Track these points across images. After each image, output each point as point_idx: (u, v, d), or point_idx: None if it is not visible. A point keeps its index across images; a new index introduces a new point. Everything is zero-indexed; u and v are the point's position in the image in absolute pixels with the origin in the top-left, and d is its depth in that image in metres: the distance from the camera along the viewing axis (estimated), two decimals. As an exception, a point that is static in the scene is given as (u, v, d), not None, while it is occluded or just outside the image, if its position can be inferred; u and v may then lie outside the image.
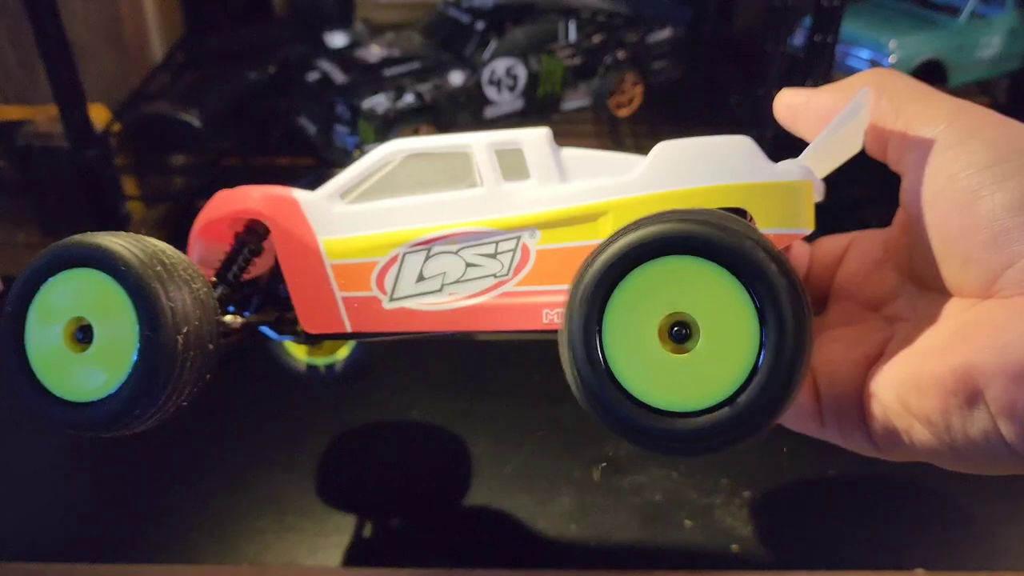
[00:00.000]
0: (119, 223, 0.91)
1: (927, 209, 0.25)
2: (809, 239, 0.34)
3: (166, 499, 0.59)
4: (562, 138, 0.32)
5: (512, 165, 0.32)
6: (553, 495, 0.59)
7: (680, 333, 0.25)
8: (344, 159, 0.91)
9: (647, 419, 0.24)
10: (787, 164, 0.31)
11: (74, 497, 0.54)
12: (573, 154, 0.32)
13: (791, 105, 0.32)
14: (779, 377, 0.24)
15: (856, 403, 0.26)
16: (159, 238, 0.30)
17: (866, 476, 0.60)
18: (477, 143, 0.32)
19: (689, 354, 0.25)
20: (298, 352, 0.48)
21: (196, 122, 0.94)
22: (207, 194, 0.37)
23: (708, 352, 0.24)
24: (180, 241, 0.35)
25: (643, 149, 0.30)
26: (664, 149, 0.31)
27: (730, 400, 0.24)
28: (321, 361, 0.48)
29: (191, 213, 0.36)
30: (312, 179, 0.36)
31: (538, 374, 0.66)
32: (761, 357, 0.24)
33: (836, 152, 0.31)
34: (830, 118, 0.30)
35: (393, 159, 0.33)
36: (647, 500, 0.59)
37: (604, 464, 0.57)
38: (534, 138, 0.33)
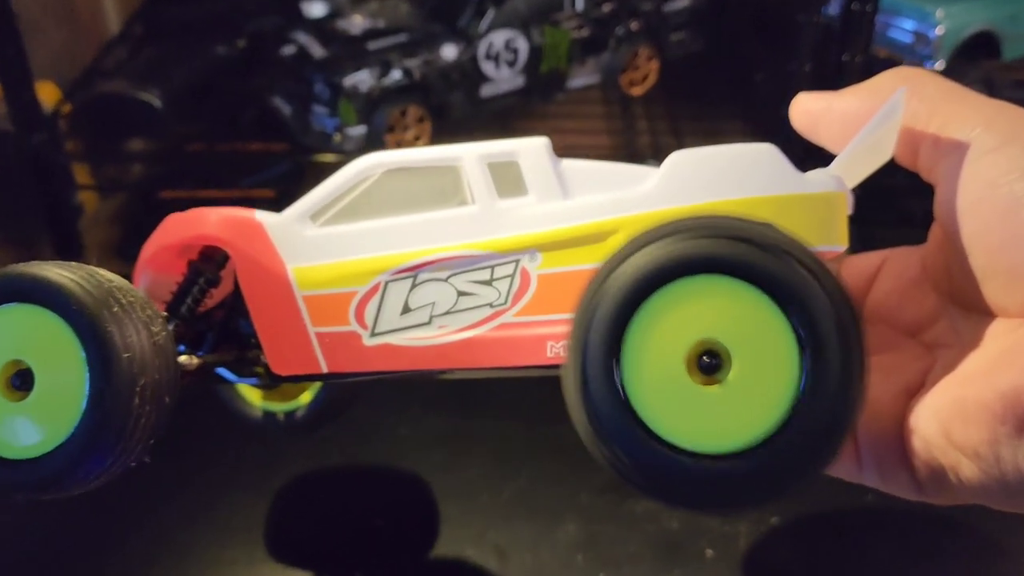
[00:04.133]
0: (69, 216, 0.90)
1: (965, 220, 0.25)
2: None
3: (127, 528, 0.59)
4: (568, 120, 0.32)
5: (507, 180, 0.32)
6: (557, 523, 0.59)
7: (710, 363, 0.25)
8: (323, 143, 0.90)
9: (674, 460, 0.24)
10: (817, 174, 0.31)
11: (28, 527, 0.55)
12: (575, 166, 0.32)
13: (811, 111, 0.32)
14: (822, 415, 0.23)
15: (896, 441, 0.26)
16: (115, 233, 0.30)
17: (910, 503, 0.60)
18: (467, 155, 0.32)
19: (720, 387, 0.24)
20: (253, 397, 0.48)
21: (156, 102, 0.93)
22: (170, 183, 0.36)
23: (741, 385, 0.24)
24: (140, 238, 0.35)
25: (658, 132, 0.30)
26: (679, 160, 0.31)
27: (767, 441, 0.24)
28: (280, 407, 0.48)
29: (151, 206, 0.36)
30: (288, 167, 0.35)
31: (539, 389, 0.67)
32: (802, 392, 0.24)
33: (866, 160, 0.31)
34: (855, 124, 0.30)
35: (371, 175, 0.33)
36: (663, 527, 0.59)
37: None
38: (531, 149, 0.32)
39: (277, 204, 0.35)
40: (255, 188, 0.95)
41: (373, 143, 0.91)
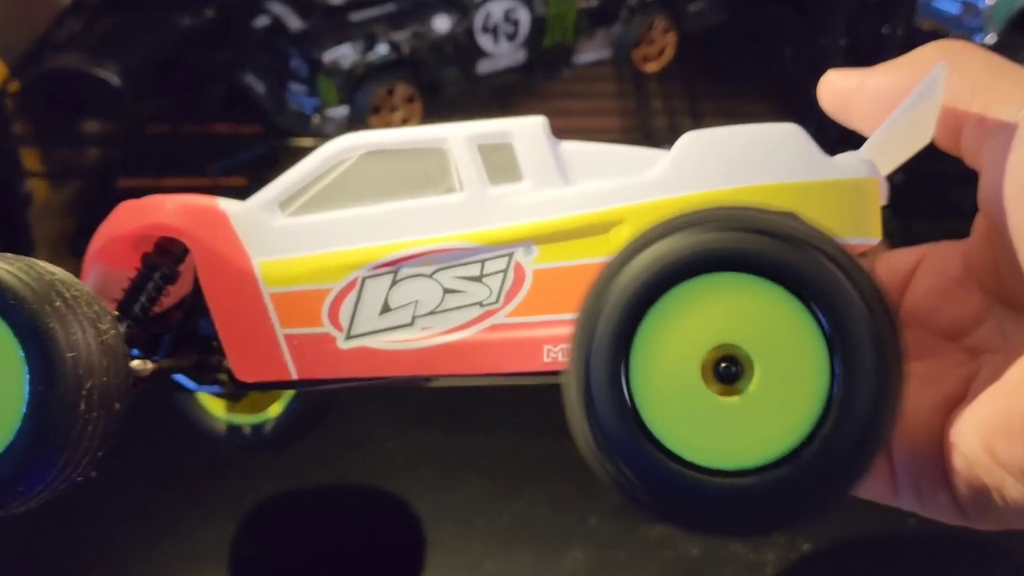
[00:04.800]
0: (17, 205, 0.91)
1: (1013, 210, 0.25)
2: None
3: (71, 558, 0.59)
4: (574, 99, 0.32)
5: (500, 164, 0.32)
6: (562, 550, 0.59)
7: (729, 371, 0.25)
8: (301, 125, 0.91)
9: (689, 478, 0.24)
10: (847, 158, 0.31)
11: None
12: (576, 149, 0.33)
13: (841, 90, 0.32)
14: (853, 428, 0.24)
15: (935, 458, 0.26)
16: (68, 225, 0.30)
17: (952, 528, 0.60)
18: (455, 137, 0.33)
19: (740, 397, 0.25)
20: (215, 408, 0.48)
21: (114, 79, 0.93)
22: (128, 170, 0.37)
23: (764, 394, 0.24)
24: (96, 231, 0.35)
25: (675, 113, 0.30)
26: (692, 141, 0.31)
27: (792, 456, 0.24)
28: (247, 420, 0.48)
29: (108, 195, 0.36)
30: (261, 152, 0.36)
31: (541, 398, 0.67)
32: (832, 401, 0.24)
33: (902, 143, 0.31)
34: (889, 103, 0.30)
35: (347, 157, 0.33)
36: (682, 554, 0.59)
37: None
38: (527, 129, 0.33)
39: (249, 193, 0.35)
40: (224, 176, 0.95)
41: (357, 125, 0.91)
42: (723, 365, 0.25)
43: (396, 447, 0.66)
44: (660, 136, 0.92)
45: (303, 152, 0.35)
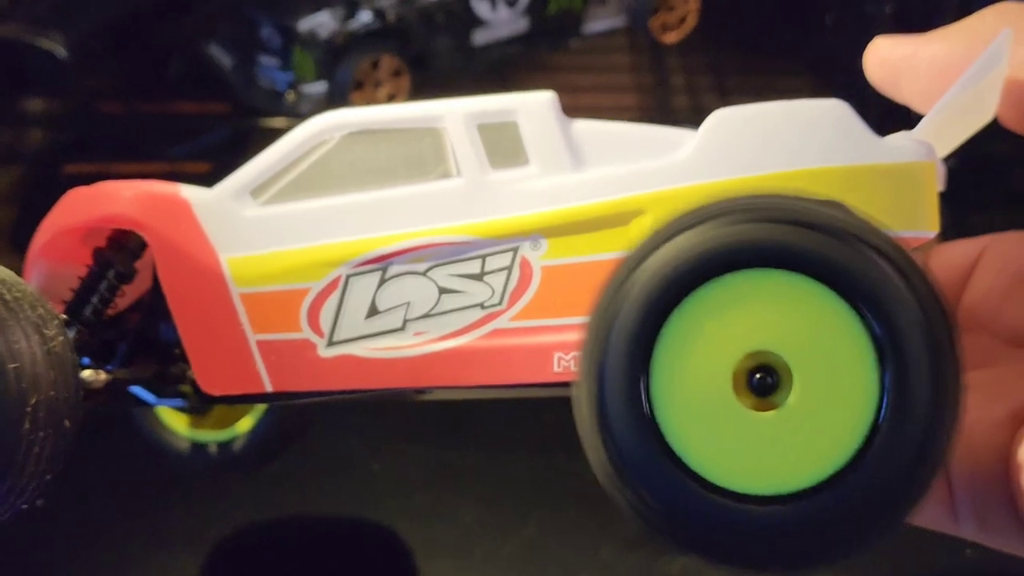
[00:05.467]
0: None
1: None
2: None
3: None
4: (584, 74, 0.32)
5: (503, 146, 0.32)
6: (571, 584, 0.59)
7: (764, 382, 0.25)
8: (273, 104, 0.91)
9: (718, 505, 0.24)
10: (899, 139, 0.31)
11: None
12: (590, 128, 0.33)
13: (891, 60, 0.32)
14: (906, 447, 0.24)
15: (999, 480, 0.26)
16: (8, 216, 0.30)
17: (1019, 560, 0.61)
18: (451, 115, 0.33)
19: (777, 411, 0.25)
20: (178, 424, 0.48)
21: (60, 51, 0.93)
22: (77, 154, 0.37)
23: (805, 408, 0.24)
24: (40, 222, 0.35)
25: (698, 90, 0.30)
26: (722, 121, 0.31)
27: (836, 480, 0.24)
28: (213, 437, 0.48)
29: (54, 183, 0.36)
30: (228, 133, 0.36)
31: (547, 413, 0.66)
32: (883, 416, 0.24)
33: (962, 122, 0.31)
34: (946, 76, 0.30)
35: (327, 139, 0.33)
36: (705, 592, 0.59)
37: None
38: (534, 106, 0.33)
39: (214, 180, 0.35)
40: (186, 160, 0.95)
41: (337, 103, 0.91)
42: (758, 376, 0.25)
43: (383, 469, 0.66)
44: (682, 116, 0.92)
45: (276, 134, 0.35)
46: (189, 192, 0.33)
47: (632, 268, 0.25)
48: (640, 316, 0.25)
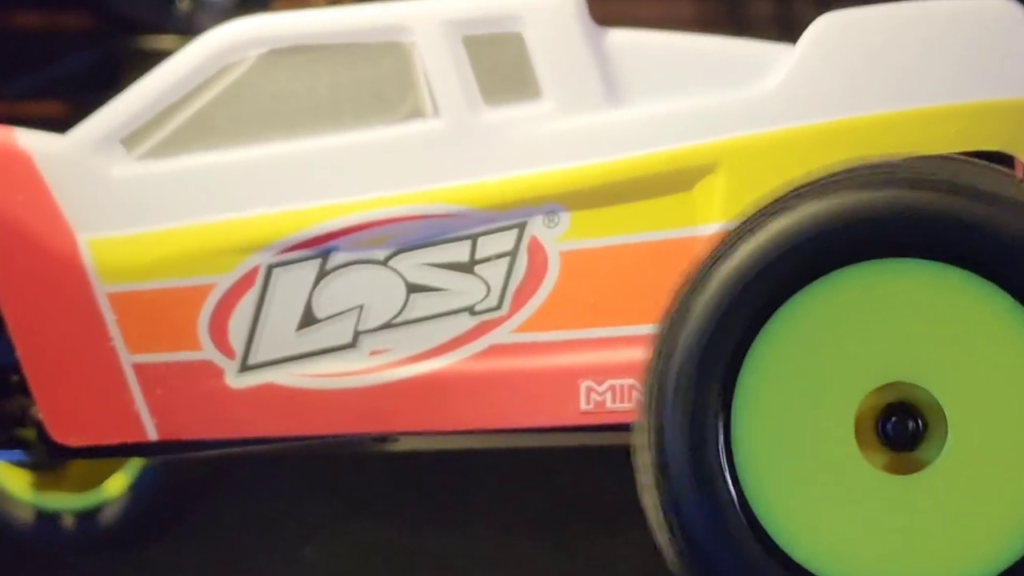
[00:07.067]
0: None
1: None
2: None
3: None
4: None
5: (502, 69, 0.32)
6: None
7: (904, 429, 0.25)
8: (157, 15, 0.91)
9: None
10: None
11: None
12: (631, 43, 0.33)
13: None
14: None
15: None
16: None
17: None
18: (424, 22, 0.33)
19: (923, 472, 0.25)
20: (17, 484, 0.47)
21: None
22: None
23: (965, 468, 0.25)
24: None
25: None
26: (832, 30, 0.31)
27: (1015, 571, 0.24)
28: (68, 504, 0.47)
29: None
30: (91, 58, 0.36)
31: (564, 474, 0.65)
32: None
33: None
34: None
35: (239, 60, 0.33)
36: None
37: None
38: (547, 9, 0.32)
39: (70, 125, 0.35)
40: (31, 97, 0.94)
41: (250, 9, 0.90)
42: (893, 420, 0.25)
43: (321, 556, 0.63)
44: (764, 26, 0.91)
45: (160, 57, 0.35)
46: (31, 141, 0.33)
47: (712, 262, 0.26)
48: (718, 329, 0.25)
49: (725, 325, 0.25)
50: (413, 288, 0.31)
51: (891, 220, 0.24)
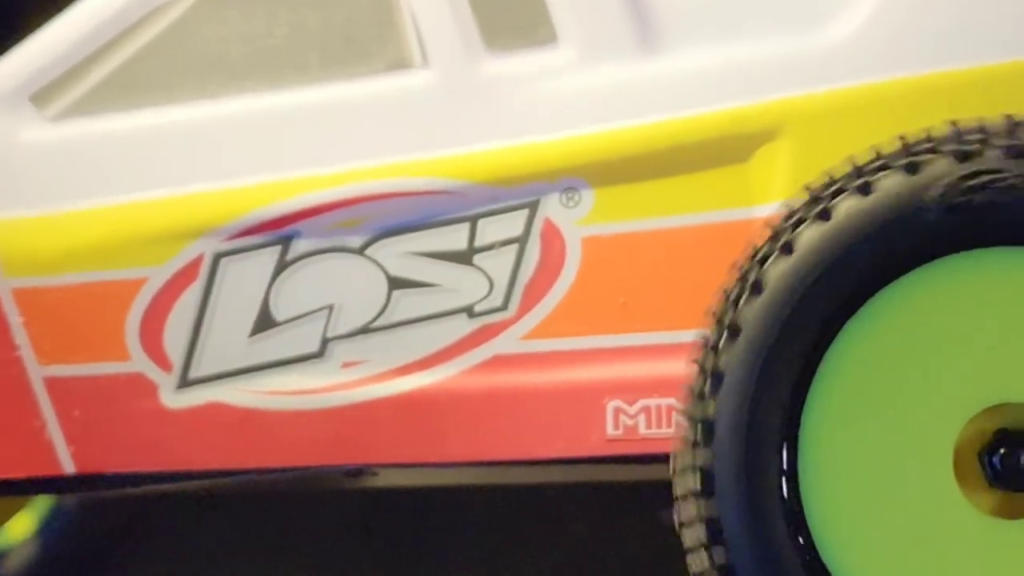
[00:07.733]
0: None
1: None
2: None
3: None
4: None
5: (508, 7, 0.30)
6: None
7: (1016, 463, 0.25)
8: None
9: None
10: None
11: None
12: None
13: None
14: None
15: None
16: None
17: None
18: None
19: None
20: None
21: None
22: None
23: None
24: None
25: None
26: None
27: None
28: None
29: None
30: None
31: (580, 522, 0.64)
32: None
33: None
34: None
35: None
36: None
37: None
38: None
39: None
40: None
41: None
42: (1002, 452, 0.25)
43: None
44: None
45: None
46: None
47: (771, 252, 0.24)
48: (774, 346, 0.24)
49: (789, 337, 0.23)
50: (396, 283, 0.29)
51: (997, 200, 0.22)
